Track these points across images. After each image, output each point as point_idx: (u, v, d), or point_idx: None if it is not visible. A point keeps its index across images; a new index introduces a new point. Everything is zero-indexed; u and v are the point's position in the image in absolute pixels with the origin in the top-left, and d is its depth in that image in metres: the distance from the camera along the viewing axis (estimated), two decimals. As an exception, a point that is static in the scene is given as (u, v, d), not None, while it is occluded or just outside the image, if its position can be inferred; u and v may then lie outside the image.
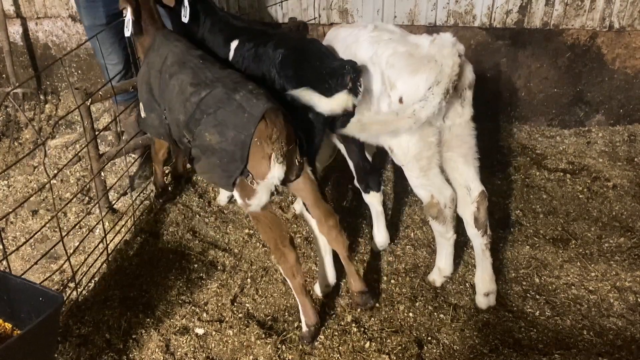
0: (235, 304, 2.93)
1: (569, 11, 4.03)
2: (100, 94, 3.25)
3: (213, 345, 2.70)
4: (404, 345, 2.61)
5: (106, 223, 3.43)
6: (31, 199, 3.82)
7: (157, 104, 2.82)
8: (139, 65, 3.23)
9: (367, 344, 2.63)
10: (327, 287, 2.92)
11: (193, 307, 2.91)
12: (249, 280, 3.08)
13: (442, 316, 2.77)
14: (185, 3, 2.95)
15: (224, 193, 3.69)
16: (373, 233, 3.18)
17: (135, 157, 3.94)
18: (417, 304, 2.84)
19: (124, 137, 4.07)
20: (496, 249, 3.18)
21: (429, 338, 2.66)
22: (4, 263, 2.55)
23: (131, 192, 3.82)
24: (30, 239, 2.90)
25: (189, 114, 2.47)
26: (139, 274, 3.14)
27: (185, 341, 2.72)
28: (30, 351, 2.05)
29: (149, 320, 2.83)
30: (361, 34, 2.70)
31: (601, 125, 4.35)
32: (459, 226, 2.81)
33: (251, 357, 2.62)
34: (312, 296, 2.85)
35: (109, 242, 3.24)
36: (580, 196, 3.59)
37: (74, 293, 2.96)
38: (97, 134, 3.28)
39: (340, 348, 2.62)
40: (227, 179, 2.43)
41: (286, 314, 2.85)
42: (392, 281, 3.00)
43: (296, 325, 2.75)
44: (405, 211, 3.54)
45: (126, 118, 3.96)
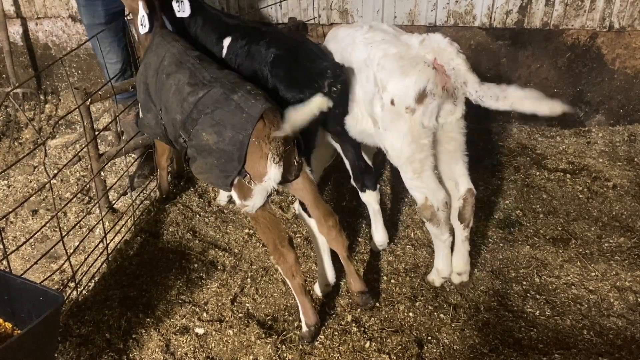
0: (235, 303, 2.93)
1: (569, 11, 4.03)
2: (100, 93, 3.26)
3: (213, 345, 2.70)
4: (404, 345, 2.61)
5: (106, 223, 3.44)
6: (31, 198, 3.82)
7: (153, 104, 2.82)
8: (139, 64, 3.23)
9: (367, 344, 2.63)
10: (327, 286, 2.92)
11: (193, 307, 2.91)
12: (249, 280, 3.08)
13: (442, 316, 2.77)
14: None
15: (224, 193, 3.69)
16: (372, 232, 3.19)
17: (135, 157, 3.94)
18: (417, 303, 2.84)
19: (124, 137, 4.07)
20: (496, 249, 3.18)
21: (429, 338, 2.66)
22: (4, 263, 2.55)
23: (131, 192, 3.82)
24: (30, 239, 2.90)
25: (186, 113, 2.46)
26: (139, 274, 3.14)
27: (185, 341, 2.72)
28: (31, 351, 2.05)
29: (149, 320, 2.83)
30: (357, 35, 2.73)
31: (601, 125, 4.35)
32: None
33: (251, 357, 2.62)
34: (312, 296, 2.85)
35: (109, 242, 3.25)
36: (580, 196, 3.59)
37: (74, 293, 2.96)
38: (97, 134, 3.28)
39: (340, 348, 2.62)
40: (224, 179, 2.43)
41: (286, 313, 2.86)
42: (392, 281, 3.00)
43: (296, 325, 2.76)
44: (405, 211, 3.54)
45: (125, 117, 3.96)
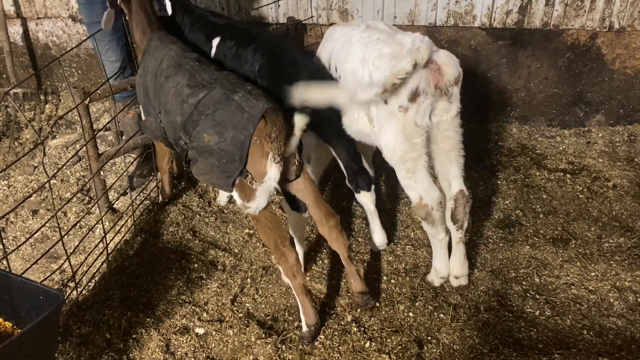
0: (235, 303, 2.93)
1: (569, 11, 4.04)
2: (99, 93, 3.25)
3: (213, 345, 2.70)
4: (404, 345, 2.61)
5: (106, 223, 3.44)
6: (31, 198, 3.82)
7: (152, 107, 2.82)
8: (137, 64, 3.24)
9: (367, 344, 2.63)
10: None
11: (193, 307, 2.91)
12: (249, 280, 3.08)
13: (442, 316, 2.77)
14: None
15: (224, 193, 3.69)
16: (370, 233, 3.18)
17: (135, 157, 3.94)
18: (417, 303, 2.84)
19: (123, 137, 4.07)
20: (496, 249, 3.18)
21: (429, 338, 2.66)
22: (4, 262, 2.55)
23: (131, 192, 3.82)
24: (30, 239, 2.90)
25: (186, 115, 2.46)
26: (139, 274, 3.14)
27: (185, 341, 2.72)
28: (31, 350, 2.04)
29: (149, 320, 2.83)
30: (353, 34, 2.73)
31: (601, 126, 4.35)
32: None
33: (251, 357, 2.62)
34: (312, 296, 2.85)
35: (109, 241, 3.25)
36: (580, 196, 3.59)
37: (74, 293, 2.96)
38: (96, 133, 3.28)
39: (340, 348, 2.62)
40: (226, 179, 2.43)
41: (286, 313, 2.85)
42: (392, 281, 3.00)
43: (296, 325, 2.75)
44: (405, 211, 3.54)
45: (124, 117, 3.96)
